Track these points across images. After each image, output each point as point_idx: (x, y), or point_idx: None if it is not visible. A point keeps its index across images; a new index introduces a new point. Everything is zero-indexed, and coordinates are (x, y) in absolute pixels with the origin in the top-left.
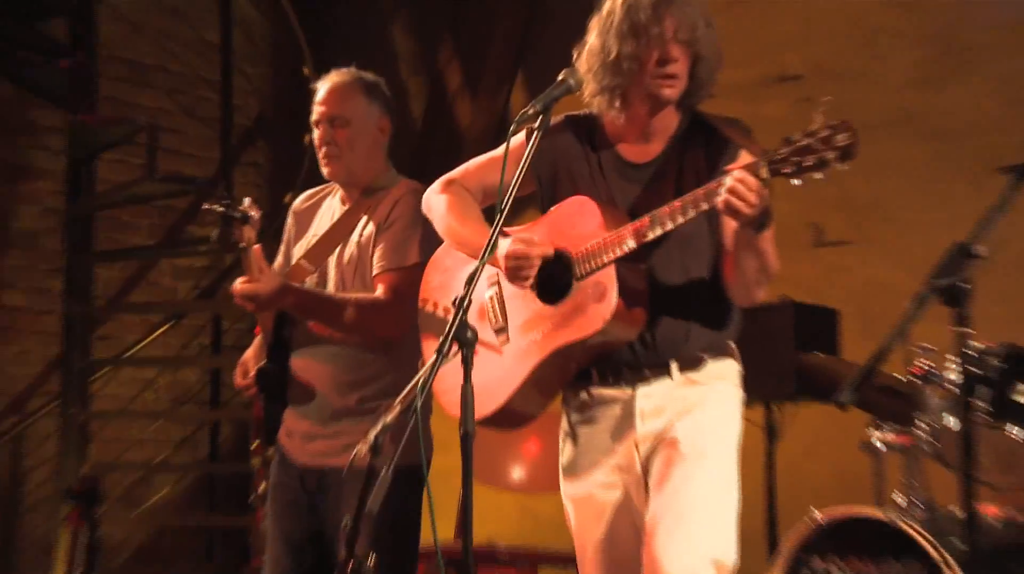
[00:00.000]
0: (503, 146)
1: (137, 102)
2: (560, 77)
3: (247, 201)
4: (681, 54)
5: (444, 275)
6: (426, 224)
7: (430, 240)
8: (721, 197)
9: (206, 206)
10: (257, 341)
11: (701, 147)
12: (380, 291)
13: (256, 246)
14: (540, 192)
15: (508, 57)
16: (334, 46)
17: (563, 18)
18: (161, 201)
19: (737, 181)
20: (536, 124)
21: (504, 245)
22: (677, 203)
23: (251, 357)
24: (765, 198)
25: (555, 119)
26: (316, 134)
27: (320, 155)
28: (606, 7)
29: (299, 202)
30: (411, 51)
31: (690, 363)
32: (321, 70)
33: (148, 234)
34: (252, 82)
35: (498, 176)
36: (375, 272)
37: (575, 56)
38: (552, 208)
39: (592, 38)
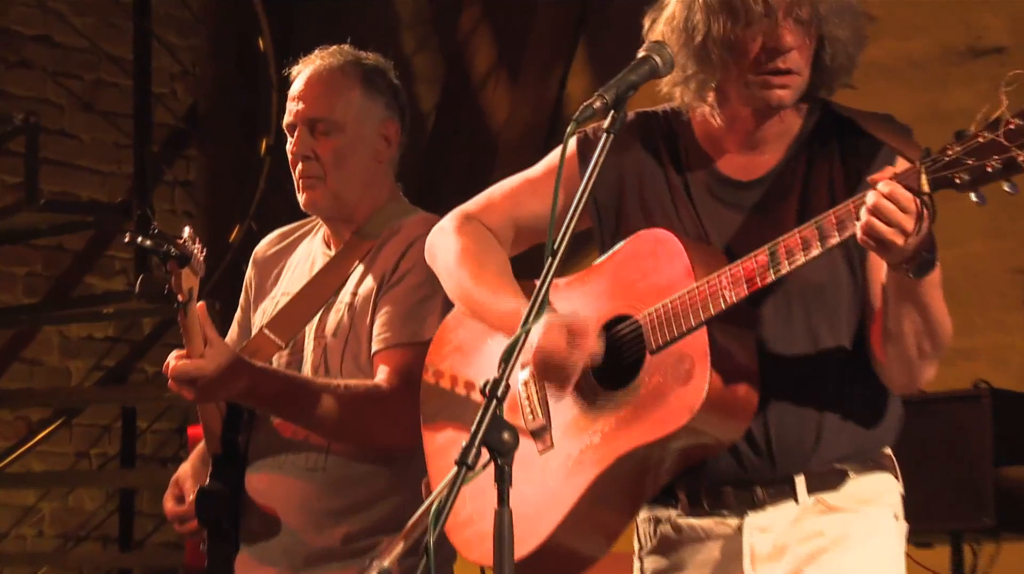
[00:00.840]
0: (547, 159)
1: (7, 89)
2: (641, 53)
3: (187, 232)
4: (799, 39)
5: (466, 333)
6: None
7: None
8: (861, 221)
9: (126, 239)
10: (197, 450)
11: (836, 155)
12: (382, 376)
13: (200, 303)
14: (598, 227)
15: (563, 24)
16: (305, 4)
17: None
18: (45, 239)
19: (883, 197)
20: (606, 124)
21: (536, 328)
22: (797, 234)
23: (188, 474)
24: (927, 223)
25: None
26: (289, 143)
27: (295, 175)
28: None
29: (264, 246)
30: (418, 12)
31: (824, 480)
32: (285, 43)
33: (26, 289)
34: (181, 60)
35: (537, 206)
36: (376, 348)
37: (646, 25)
38: (615, 249)
39: (672, 2)
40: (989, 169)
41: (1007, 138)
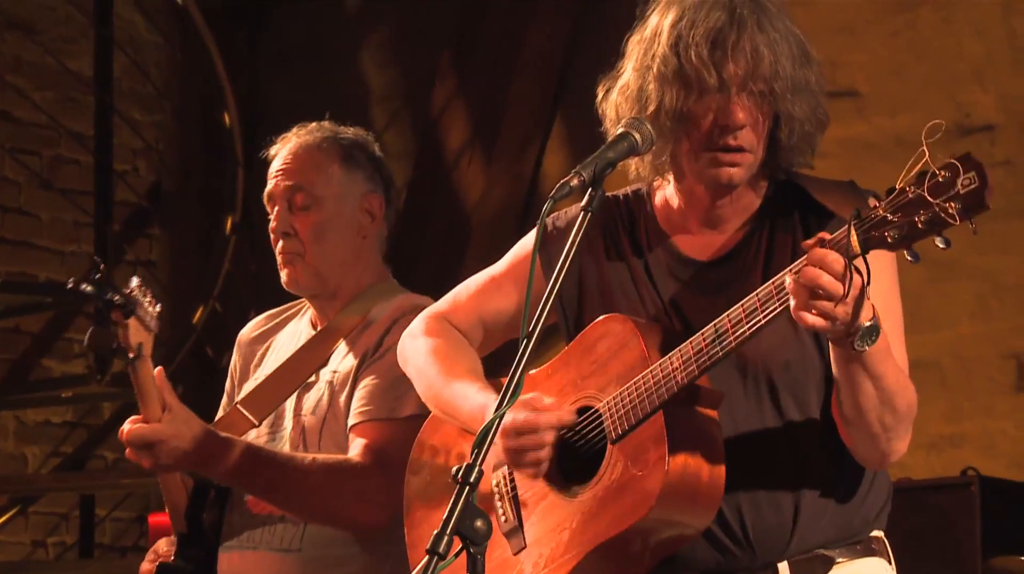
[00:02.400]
0: (511, 254)
1: None
2: (620, 129)
3: (135, 281)
4: (752, 116)
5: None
6: None
7: None
8: (789, 287)
9: (70, 285)
10: (157, 548)
11: (798, 228)
12: (356, 450)
13: (158, 368)
14: (563, 319)
15: (539, 100)
16: (271, 80)
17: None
18: (2, 321)
19: (810, 264)
20: (583, 202)
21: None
22: (740, 307)
23: (166, 548)
24: (857, 287)
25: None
26: (270, 218)
27: (276, 251)
28: (650, 22)
29: (249, 329)
30: (390, 86)
31: (810, 566)
32: (251, 119)
33: None
34: (143, 136)
35: (502, 303)
36: (352, 421)
37: (600, 94)
38: (576, 339)
39: (628, 68)
40: (919, 225)
41: (932, 192)
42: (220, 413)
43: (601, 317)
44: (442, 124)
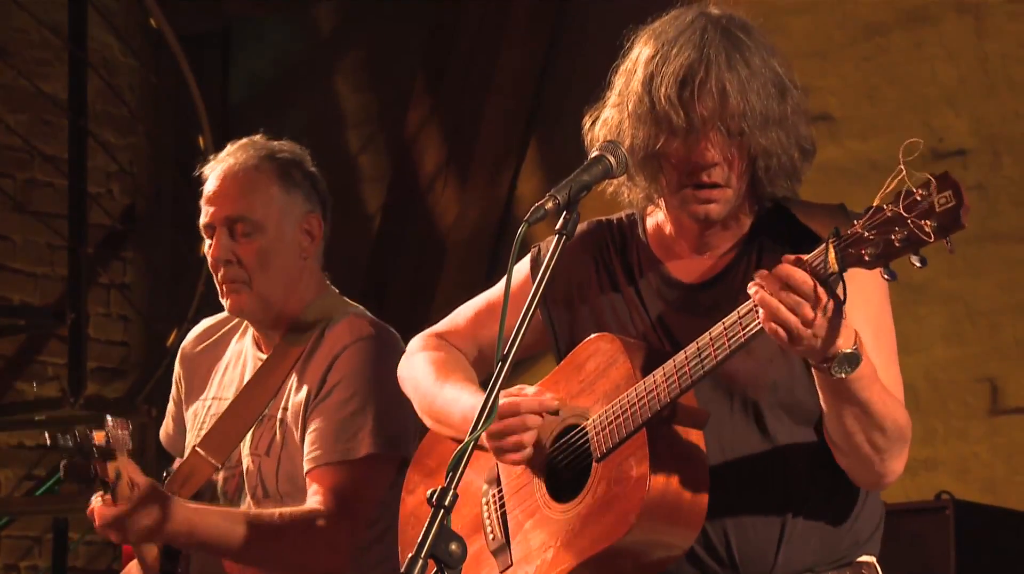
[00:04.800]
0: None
1: None
2: (594, 153)
3: (109, 422)
4: (724, 153)
5: (445, 449)
6: (383, 388)
7: (395, 413)
8: (760, 306)
9: (47, 440)
10: (130, 568)
11: (787, 250)
12: (316, 498)
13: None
14: (555, 342)
15: (514, 123)
16: (245, 103)
17: (602, 59)
18: None
19: (780, 283)
20: (558, 225)
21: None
22: (721, 325)
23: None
24: (830, 309)
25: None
26: (208, 247)
27: (217, 279)
28: (631, 54)
29: (191, 342)
30: (363, 109)
31: None
32: (225, 141)
33: None
34: (117, 159)
35: (497, 327)
36: (307, 467)
37: (586, 124)
38: (566, 358)
39: (611, 100)
40: (896, 243)
41: (909, 210)
42: (167, 420)
43: (591, 336)
44: (416, 147)
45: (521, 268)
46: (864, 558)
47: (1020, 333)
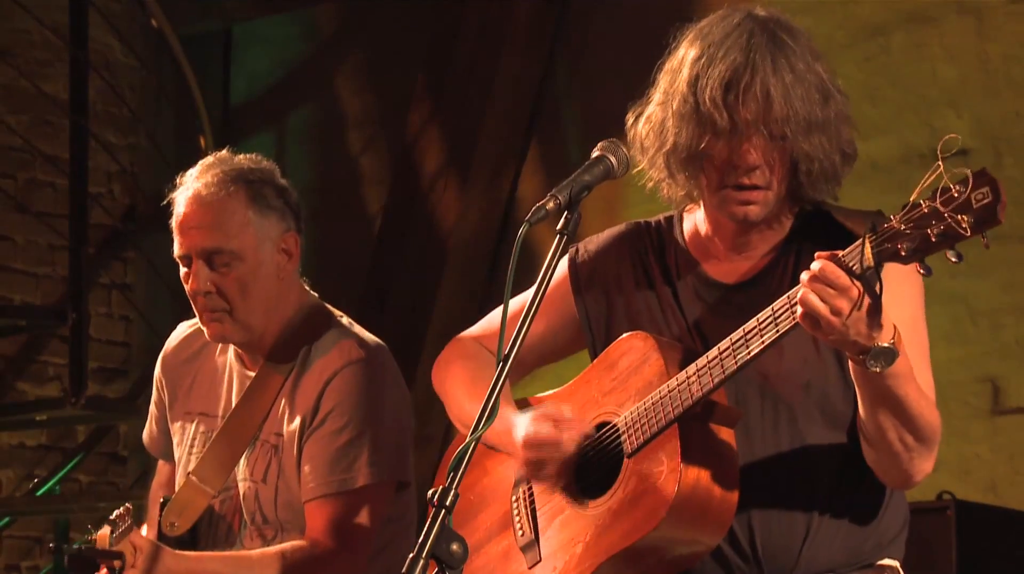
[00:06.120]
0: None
1: None
2: (595, 153)
3: (117, 511)
4: (766, 156)
5: (493, 468)
6: (377, 412)
7: (391, 438)
8: (796, 299)
9: (50, 549)
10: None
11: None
12: (316, 531)
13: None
14: (591, 340)
15: (515, 124)
16: (246, 104)
17: (602, 62)
18: None
19: (814, 276)
20: (559, 225)
21: (522, 426)
22: (755, 320)
23: None
24: (866, 304)
25: (617, 229)
26: (183, 274)
27: (196, 308)
28: (678, 54)
29: (172, 349)
30: (365, 110)
31: None
32: (226, 142)
33: None
34: (119, 159)
35: (534, 327)
36: (305, 498)
37: (630, 120)
38: (600, 356)
39: (656, 99)
40: (932, 238)
41: (947, 206)
42: (151, 423)
43: (624, 335)
44: (417, 149)
45: (560, 268)
46: (886, 561)
47: (1022, 333)
